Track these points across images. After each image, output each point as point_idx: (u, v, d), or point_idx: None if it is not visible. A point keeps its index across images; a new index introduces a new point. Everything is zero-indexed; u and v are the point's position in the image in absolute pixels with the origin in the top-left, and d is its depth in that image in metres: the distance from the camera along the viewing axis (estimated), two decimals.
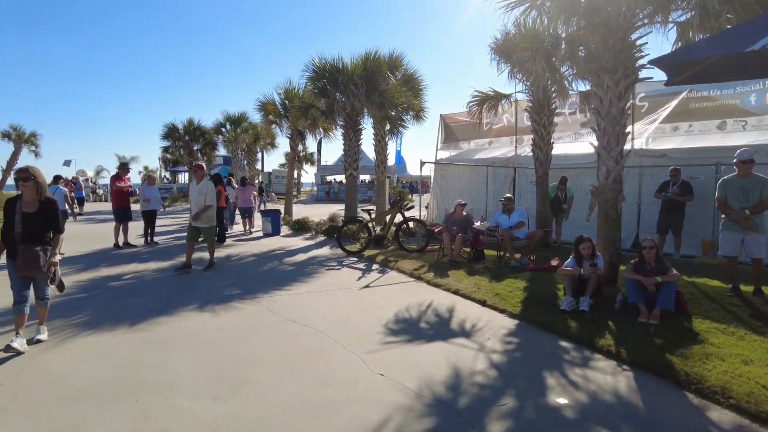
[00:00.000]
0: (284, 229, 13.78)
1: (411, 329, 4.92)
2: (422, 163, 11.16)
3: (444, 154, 15.96)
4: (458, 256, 8.25)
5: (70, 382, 3.61)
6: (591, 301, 5.36)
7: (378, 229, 10.64)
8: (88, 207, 23.86)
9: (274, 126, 16.23)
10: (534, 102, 9.78)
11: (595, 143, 6.27)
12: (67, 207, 11.41)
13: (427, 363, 3.98)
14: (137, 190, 16.59)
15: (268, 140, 27.56)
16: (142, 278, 7.37)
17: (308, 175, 53.32)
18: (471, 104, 10.47)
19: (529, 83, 9.57)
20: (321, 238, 12.17)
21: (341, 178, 41.18)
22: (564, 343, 4.49)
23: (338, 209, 22.98)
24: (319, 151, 40.11)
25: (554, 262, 7.61)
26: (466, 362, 4.01)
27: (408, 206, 24.98)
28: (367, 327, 4.95)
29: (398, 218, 10.10)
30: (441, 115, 15.65)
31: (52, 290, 4.56)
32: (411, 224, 10.09)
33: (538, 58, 6.38)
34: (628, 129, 6.50)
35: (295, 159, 16.32)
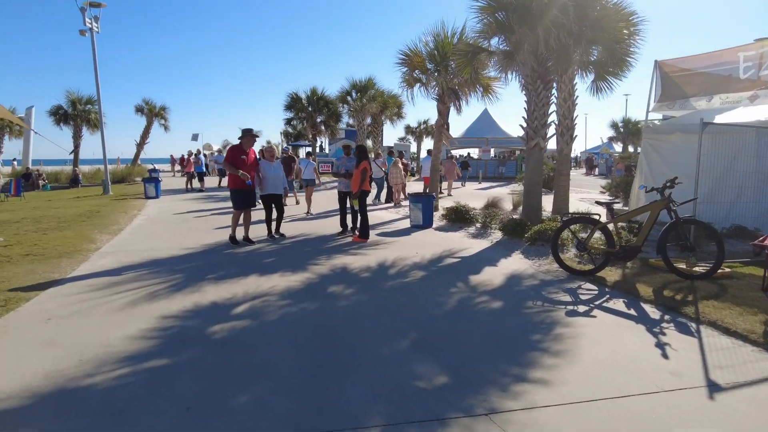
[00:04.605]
0: (435, 218, 10.42)
1: None
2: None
3: (656, 116, 11.36)
4: None
5: None
6: None
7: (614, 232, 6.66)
8: (211, 182, 22.89)
9: (418, 86, 12.80)
10: None
11: None
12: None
13: None
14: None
15: (395, 110, 24.63)
16: (263, 316, 4.42)
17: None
18: None
19: None
20: (496, 235, 8.57)
21: (468, 152, 37.13)
22: None
23: (477, 189, 19.25)
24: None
25: None
26: None
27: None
28: None
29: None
30: (656, 61, 10.85)
31: None
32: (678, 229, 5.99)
33: None
34: None
35: (444, 127, 12.80)
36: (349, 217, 8.85)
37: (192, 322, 4.23)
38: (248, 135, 7.64)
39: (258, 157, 8.16)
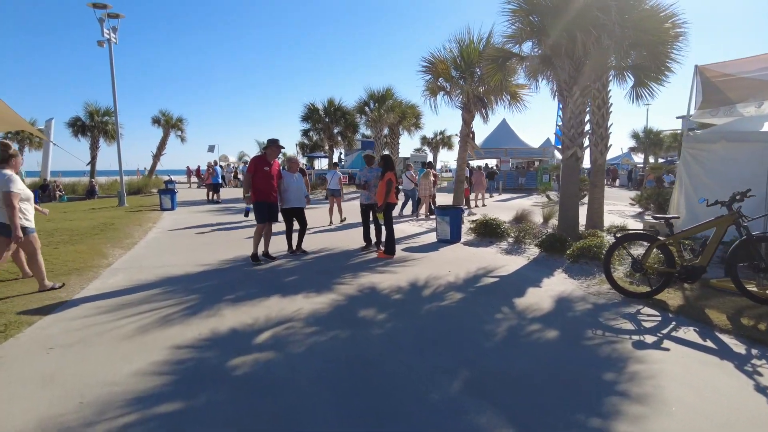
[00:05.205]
0: (462, 231, 9.84)
1: None
2: None
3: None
4: None
5: None
6: None
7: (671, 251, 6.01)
8: (228, 193, 22.66)
9: (441, 94, 12.35)
10: None
11: None
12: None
13: None
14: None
15: (413, 120, 24.23)
16: (289, 347, 3.90)
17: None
18: None
19: None
20: (532, 251, 7.98)
21: (486, 162, 36.54)
22: None
23: (498, 200, 18.56)
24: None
25: None
26: None
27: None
28: None
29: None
30: (697, 66, 10.22)
31: None
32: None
33: None
34: None
35: (470, 136, 12.28)
36: (372, 231, 8.35)
37: (209, 353, 3.74)
38: (273, 145, 7.24)
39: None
